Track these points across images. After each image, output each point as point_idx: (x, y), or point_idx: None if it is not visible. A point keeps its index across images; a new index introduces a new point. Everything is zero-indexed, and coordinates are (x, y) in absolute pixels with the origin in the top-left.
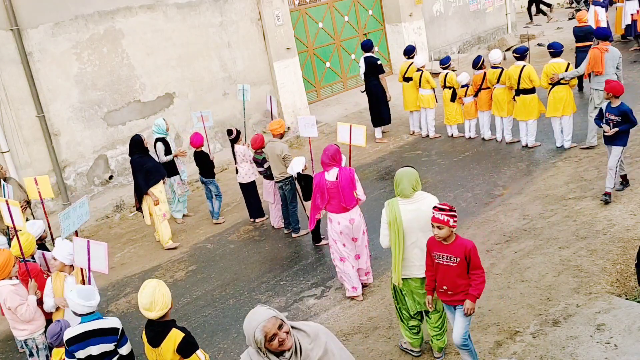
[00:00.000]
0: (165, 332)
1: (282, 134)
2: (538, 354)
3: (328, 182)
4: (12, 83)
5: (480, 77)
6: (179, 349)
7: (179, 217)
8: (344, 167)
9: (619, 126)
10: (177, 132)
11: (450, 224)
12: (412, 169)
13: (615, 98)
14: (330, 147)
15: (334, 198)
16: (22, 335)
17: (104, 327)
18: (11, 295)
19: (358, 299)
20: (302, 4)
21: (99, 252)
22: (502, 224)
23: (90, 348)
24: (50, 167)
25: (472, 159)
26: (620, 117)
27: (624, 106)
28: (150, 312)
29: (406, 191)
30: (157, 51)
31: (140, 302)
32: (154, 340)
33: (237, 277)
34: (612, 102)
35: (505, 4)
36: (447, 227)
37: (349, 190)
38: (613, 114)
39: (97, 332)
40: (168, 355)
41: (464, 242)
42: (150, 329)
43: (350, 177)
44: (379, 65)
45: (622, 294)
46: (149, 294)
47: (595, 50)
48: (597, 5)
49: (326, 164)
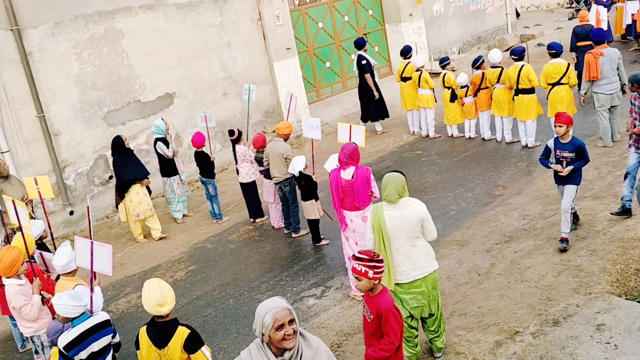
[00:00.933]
0: (172, 331)
1: (288, 135)
2: (538, 354)
3: (343, 180)
4: (12, 83)
5: (479, 77)
6: (185, 345)
7: (179, 217)
8: (360, 167)
9: (573, 164)
10: (177, 132)
11: (370, 276)
12: (400, 174)
13: (567, 130)
14: (348, 145)
15: (347, 196)
16: (28, 332)
17: (98, 322)
18: (16, 295)
19: (357, 298)
20: (302, 4)
21: (103, 253)
22: (502, 224)
23: (92, 346)
24: (50, 167)
25: (472, 159)
26: (575, 153)
27: (578, 140)
28: (162, 308)
29: (391, 197)
30: (157, 51)
31: (152, 299)
32: (159, 341)
33: (237, 277)
34: (561, 137)
35: (505, 4)
36: (366, 279)
37: (363, 190)
38: (567, 150)
39: (93, 329)
40: (176, 354)
41: (380, 301)
42: (154, 330)
43: (366, 176)
44: (364, 65)
45: (622, 294)
46: (158, 290)
47: (589, 55)
48: (599, 4)
49: (343, 162)
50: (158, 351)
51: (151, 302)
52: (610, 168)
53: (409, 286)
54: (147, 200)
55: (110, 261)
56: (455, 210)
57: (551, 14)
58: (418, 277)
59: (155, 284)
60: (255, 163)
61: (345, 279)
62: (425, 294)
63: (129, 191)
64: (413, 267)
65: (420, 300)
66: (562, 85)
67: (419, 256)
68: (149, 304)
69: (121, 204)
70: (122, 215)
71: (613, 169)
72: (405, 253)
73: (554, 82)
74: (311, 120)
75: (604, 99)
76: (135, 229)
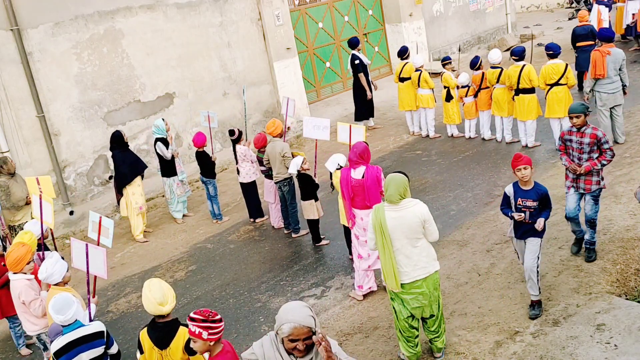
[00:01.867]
0: (174, 331)
1: (281, 133)
2: (538, 354)
3: (353, 180)
4: (12, 83)
5: (478, 77)
6: (186, 347)
7: (178, 217)
8: (371, 166)
9: (541, 214)
10: (177, 132)
11: (204, 337)
12: (403, 175)
13: (531, 175)
14: (359, 144)
15: (358, 195)
16: (34, 331)
17: (88, 333)
18: (26, 289)
19: (358, 298)
20: (302, 4)
21: (97, 256)
22: (502, 224)
23: (80, 356)
24: (50, 167)
25: (472, 159)
26: (539, 201)
27: (541, 187)
28: (164, 307)
29: (393, 197)
30: (157, 51)
31: (153, 298)
32: (161, 341)
33: (237, 277)
34: (523, 184)
35: (505, 4)
36: (200, 341)
37: (374, 190)
38: (530, 198)
39: (82, 339)
40: (177, 354)
41: None
42: (155, 331)
43: (376, 176)
44: (357, 65)
45: (622, 294)
46: (158, 289)
47: (597, 52)
48: (600, 4)
49: (354, 161)
50: (160, 352)
51: (152, 301)
52: (610, 168)
53: (409, 286)
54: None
55: (105, 264)
56: (455, 210)
57: (551, 14)
58: (419, 278)
59: (156, 284)
60: (256, 163)
61: (346, 279)
62: (426, 294)
63: (131, 184)
64: (414, 267)
65: (421, 300)
66: (560, 86)
67: (420, 257)
68: (150, 303)
69: (122, 199)
70: (123, 210)
71: (613, 169)
72: (406, 254)
73: (553, 83)
74: (316, 121)
75: (606, 97)
76: (137, 224)
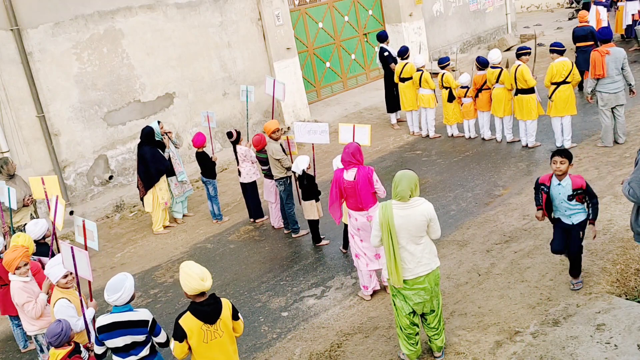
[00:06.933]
0: (219, 303)
1: (274, 131)
2: (538, 354)
3: (345, 181)
4: (12, 83)
5: (482, 78)
6: (232, 313)
7: (179, 217)
8: (362, 167)
9: None
10: (177, 132)
11: None
12: (413, 172)
13: None
14: (351, 145)
15: (350, 197)
16: (32, 331)
17: (133, 319)
18: (18, 292)
19: (366, 298)
20: (302, 4)
21: (81, 259)
22: (502, 224)
23: (115, 340)
24: (50, 167)
25: (472, 159)
26: None
27: None
28: (205, 282)
29: (404, 193)
30: (157, 51)
31: (195, 274)
32: (211, 317)
33: (237, 277)
34: None
35: (505, 4)
36: None
37: (366, 191)
38: None
39: (127, 323)
40: (229, 322)
41: None
42: (203, 309)
43: (368, 178)
44: (387, 57)
45: (622, 294)
46: (196, 266)
47: (596, 53)
48: (599, 5)
49: (346, 162)
50: (210, 328)
51: (194, 277)
52: (610, 168)
53: (412, 282)
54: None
55: (89, 266)
56: (455, 210)
57: (551, 14)
58: (421, 274)
59: (191, 263)
60: (257, 163)
61: (346, 279)
62: (428, 290)
63: (159, 180)
64: (417, 264)
65: (423, 296)
66: (567, 84)
67: (423, 254)
68: (193, 280)
69: (148, 194)
70: (147, 206)
71: (613, 169)
72: (410, 251)
73: (560, 81)
74: (314, 126)
75: (608, 97)
76: (162, 217)
